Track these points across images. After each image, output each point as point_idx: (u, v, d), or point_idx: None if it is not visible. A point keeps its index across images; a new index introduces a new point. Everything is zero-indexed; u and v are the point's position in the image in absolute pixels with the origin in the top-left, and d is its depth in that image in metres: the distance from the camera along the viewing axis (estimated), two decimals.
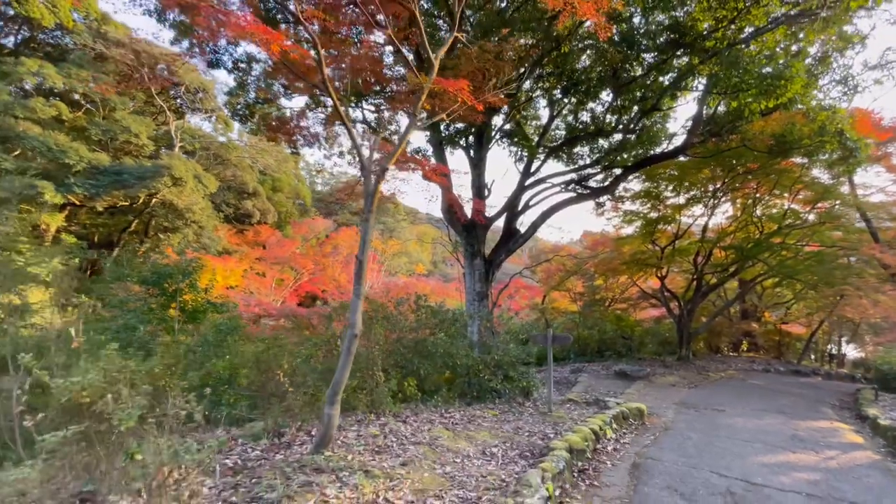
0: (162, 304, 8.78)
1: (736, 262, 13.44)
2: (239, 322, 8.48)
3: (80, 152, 17.99)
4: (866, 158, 8.06)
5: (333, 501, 3.00)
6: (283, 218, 34.78)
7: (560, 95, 10.95)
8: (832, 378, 13.94)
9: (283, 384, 4.34)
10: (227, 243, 27.58)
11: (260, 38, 3.22)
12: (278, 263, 28.33)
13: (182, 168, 20.25)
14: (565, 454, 4.07)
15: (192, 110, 25.50)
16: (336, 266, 31.80)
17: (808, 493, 3.91)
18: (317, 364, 6.41)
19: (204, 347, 6.50)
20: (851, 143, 7.10)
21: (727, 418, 6.85)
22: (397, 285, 28.32)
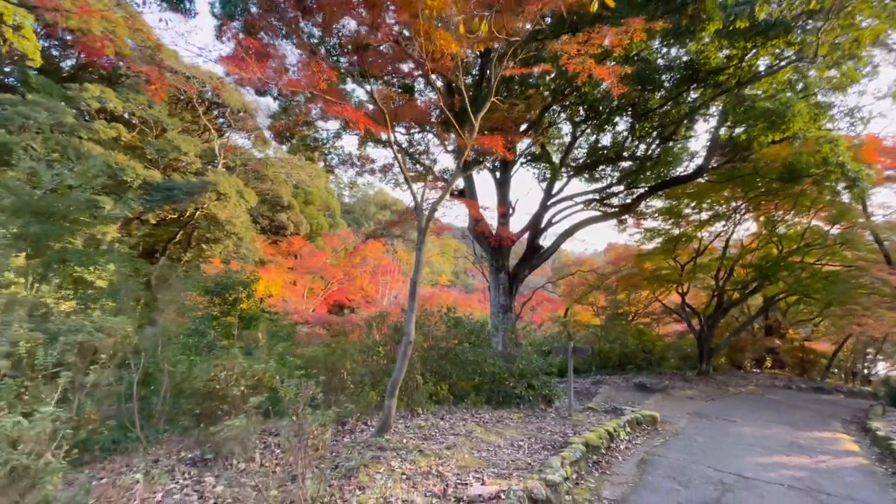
0: (223, 312, 9.94)
1: (756, 280, 13.83)
2: (293, 329, 9.52)
3: (136, 170, 19.81)
4: (869, 186, 8.53)
5: (398, 470, 3.89)
6: (315, 229, 36.40)
7: (581, 118, 11.73)
8: (854, 396, 14.01)
9: (346, 381, 5.27)
10: (262, 254, 29.23)
11: (353, 120, 4.22)
12: (310, 273, 29.78)
13: (226, 184, 21.90)
14: (582, 447, 4.85)
15: (234, 129, 27.44)
16: (364, 276, 33.10)
17: (789, 486, 4.57)
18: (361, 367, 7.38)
19: (271, 350, 7.54)
20: (853, 174, 7.66)
21: (736, 427, 7.43)
22: (422, 296, 29.23)
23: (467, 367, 8.37)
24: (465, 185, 12.21)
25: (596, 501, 3.96)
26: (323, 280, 30.49)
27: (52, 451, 2.04)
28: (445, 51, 4.27)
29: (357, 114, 4.35)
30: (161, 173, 21.55)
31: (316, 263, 30.26)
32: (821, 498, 4.39)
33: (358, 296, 33.40)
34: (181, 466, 3.77)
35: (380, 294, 37.61)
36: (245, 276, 10.28)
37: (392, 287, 39.02)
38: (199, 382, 3.90)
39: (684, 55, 8.88)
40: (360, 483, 3.60)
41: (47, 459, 2.01)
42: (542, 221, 12.92)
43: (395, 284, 40.40)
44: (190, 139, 23.36)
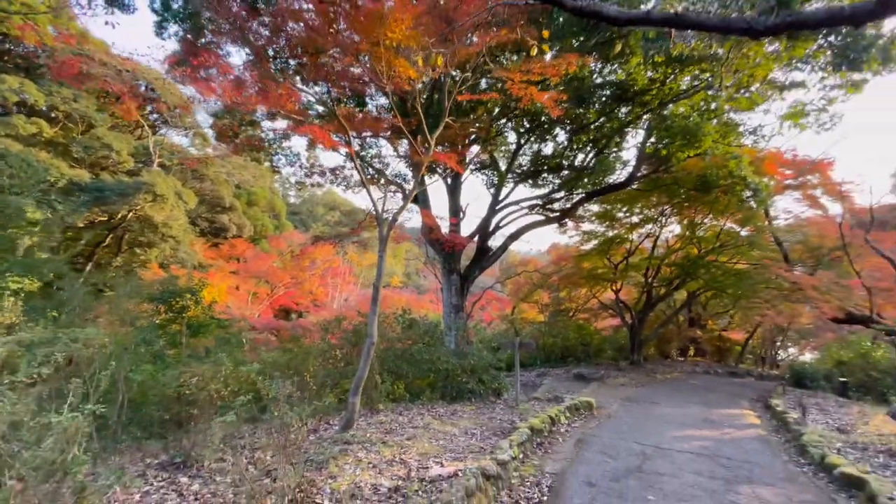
0: (169, 320, 9.66)
1: (680, 277, 15.46)
2: (245, 336, 9.46)
3: (60, 169, 18.30)
4: (767, 196, 10.00)
5: (365, 460, 4.26)
6: (259, 231, 35.14)
7: (525, 128, 12.55)
8: (763, 378, 16.01)
9: (309, 383, 5.52)
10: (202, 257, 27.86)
11: (320, 140, 4.51)
12: (254, 277, 28.78)
13: (163, 185, 20.74)
14: (528, 431, 5.45)
15: (171, 126, 25.96)
16: (313, 280, 32.44)
17: (696, 453, 5.46)
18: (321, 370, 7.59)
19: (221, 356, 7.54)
20: (754, 186, 8.98)
21: (659, 409, 8.47)
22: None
23: (422, 366, 8.81)
24: (419, 192, 12.62)
25: (539, 475, 4.55)
26: (268, 284, 29.57)
27: (76, 447, 2.23)
28: (403, 75, 4.69)
29: (323, 133, 4.64)
30: (89, 172, 20.02)
31: (261, 267, 29.26)
32: (721, 462, 5.28)
33: (306, 300, 32.71)
34: (151, 471, 3.89)
35: (329, 297, 36.94)
36: (193, 283, 10.06)
37: (343, 290, 38.47)
38: (169, 389, 4.02)
39: (615, 77, 9.88)
40: (330, 473, 3.93)
41: (74, 453, 2.20)
42: (490, 225, 13.64)
43: (345, 287, 39.86)
44: (121, 136, 21.87)
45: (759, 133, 11.00)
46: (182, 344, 9.35)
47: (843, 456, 5.26)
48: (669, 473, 4.61)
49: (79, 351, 3.46)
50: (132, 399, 4.67)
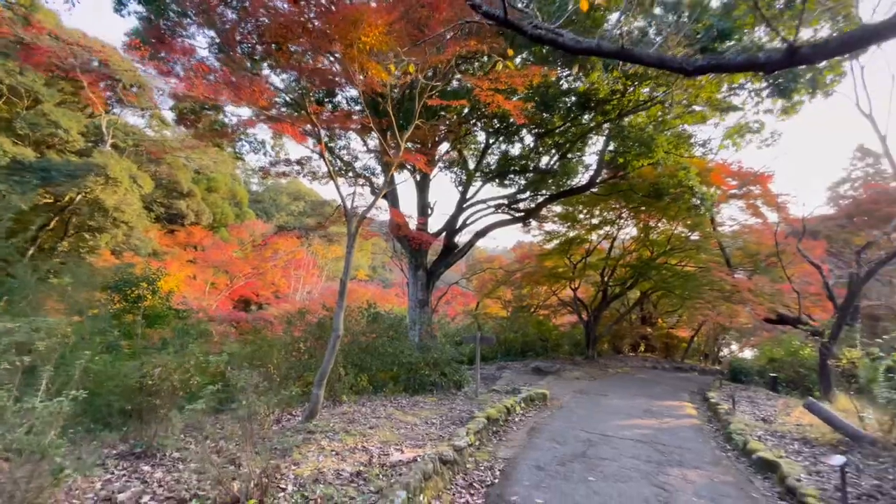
0: (124, 310, 9.34)
1: (633, 277, 16.36)
2: (207, 327, 9.31)
3: (2, 146, 17.08)
4: (712, 204, 10.83)
5: (328, 448, 4.44)
6: (219, 219, 33.96)
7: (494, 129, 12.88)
8: (705, 373, 17.22)
9: (273, 375, 5.60)
10: (157, 245, 26.72)
11: (291, 134, 4.58)
12: (213, 267, 27.88)
13: (117, 167, 19.70)
14: (484, 420, 5.79)
15: (127, 105, 24.60)
16: (275, 271, 31.73)
17: (636, 440, 5.98)
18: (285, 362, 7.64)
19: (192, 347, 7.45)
20: (700, 195, 9.72)
21: (608, 400, 9.06)
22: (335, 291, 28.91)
23: (386, 360, 9.01)
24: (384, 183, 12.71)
25: (493, 460, 4.88)
26: (227, 275, 28.67)
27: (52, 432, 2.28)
28: (376, 77, 4.84)
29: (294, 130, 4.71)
30: (34, 151, 18.74)
31: (220, 257, 28.33)
32: (658, 447, 5.81)
33: (268, 291, 31.99)
34: (110, 460, 3.92)
35: (292, 289, 36.22)
36: (151, 272, 9.77)
37: (306, 282, 37.81)
38: (131, 379, 4.03)
39: (579, 86, 10.36)
40: (294, 460, 4.09)
41: (51, 438, 2.25)
42: (457, 222, 13.93)
43: (309, 279, 39.20)
44: (70, 114, 20.59)
45: (708, 146, 11.86)
46: (137, 335, 9.10)
47: (763, 443, 5.90)
48: (610, 458, 5.07)
49: (39, 340, 3.43)
50: (88, 389, 4.63)
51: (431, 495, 3.76)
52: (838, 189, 26.53)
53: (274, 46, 8.31)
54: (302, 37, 5.60)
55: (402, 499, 3.26)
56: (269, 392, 4.08)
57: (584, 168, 14.20)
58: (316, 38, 5.42)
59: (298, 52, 7.80)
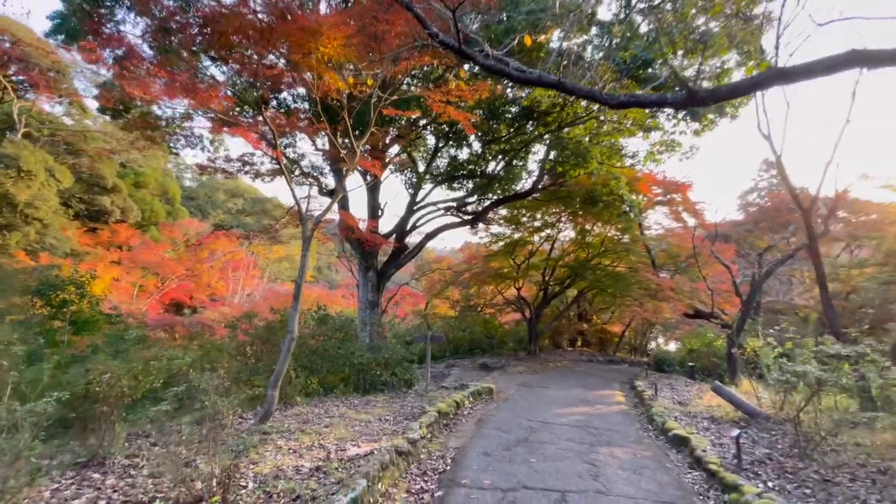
0: (48, 316, 8.63)
1: (571, 277, 17.49)
2: (143, 333, 8.86)
3: None
4: (639, 211, 11.96)
5: (285, 447, 4.55)
6: (148, 217, 31.64)
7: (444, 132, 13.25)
8: (634, 365, 18.76)
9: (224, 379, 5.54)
10: (76, 244, 24.48)
11: (247, 139, 4.60)
12: (143, 268, 25.97)
13: (31, 159, 17.88)
14: (435, 414, 6.12)
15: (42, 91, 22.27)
16: (212, 272, 30.05)
17: (572, 425, 6.60)
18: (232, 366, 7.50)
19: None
20: (628, 202, 10.71)
21: (548, 391, 9.76)
22: (285, 293, 28.02)
23: (337, 361, 9.08)
24: (336, 185, 12.65)
25: (444, 450, 5.22)
26: (157, 276, 26.77)
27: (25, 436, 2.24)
28: (332, 86, 5.00)
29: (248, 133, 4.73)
30: None
31: (150, 257, 26.39)
32: (590, 431, 6.45)
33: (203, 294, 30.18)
34: (54, 471, 3.79)
35: (230, 292, 34.42)
36: (79, 275, 9.11)
37: (246, 284, 36.08)
38: (76, 387, 3.89)
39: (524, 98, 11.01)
40: (252, 460, 4.19)
41: (24, 440, 2.21)
42: (408, 224, 14.17)
43: (249, 281, 37.44)
44: None
45: (636, 157, 13.01)
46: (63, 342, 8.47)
47: (678, 422, 6.74)
48: (549, 441, 5.60)
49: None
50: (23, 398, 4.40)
51: (389, 483, 4.02)
52: (747, 197, 29.73)
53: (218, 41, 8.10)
54: (251, 36, 5.59)
55: (362, 486, 3.50)
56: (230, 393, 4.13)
57: (528, 174, 15.00)
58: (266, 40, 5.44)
59: (243, 49, 7.67)
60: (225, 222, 45.34)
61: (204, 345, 7.50)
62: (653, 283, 14.06)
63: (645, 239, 14.81)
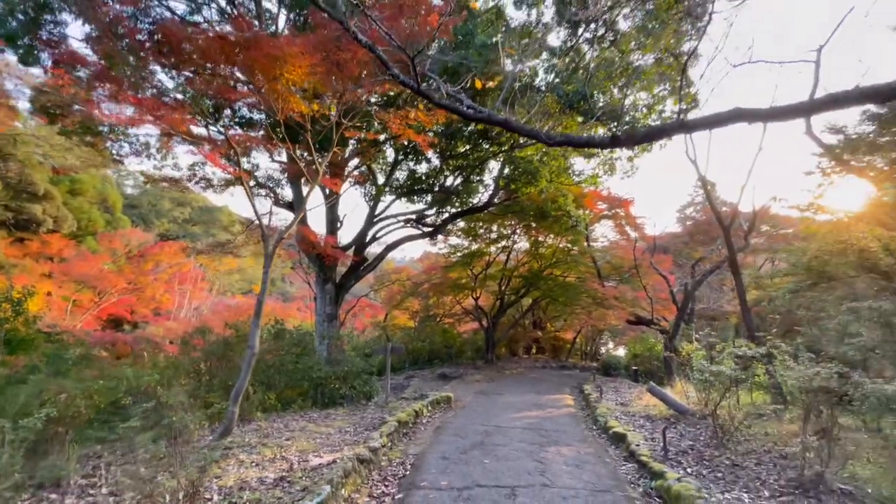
0: None
1: (525, 287, 18.27)
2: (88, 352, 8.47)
3: None
4: (585, 224, 12.85)
5: (247, 461, 4.65)
6: (85, 227, 29.64)
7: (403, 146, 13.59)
8: (585, 370, 19.74)
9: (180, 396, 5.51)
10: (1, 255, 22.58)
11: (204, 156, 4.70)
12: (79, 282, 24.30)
13: None
14: (395, 423, 6.37)
15: None
16: (157, 285, 28.49)
17: (524, 428, 7.06)
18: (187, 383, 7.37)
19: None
20: (574, 217, 11.52)
21: (503, 398, 10.23)
22: (237, 307, 27.02)
23: (295, 376, 9.09)
24: (295, 198, 12.63)
25: (404, 456, 5.49)
26: (93, 290, 25.10)
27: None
28: (296, 109, 5.22)
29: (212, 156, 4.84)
30: None
31: (87, 269, 24.73)
32: (541, 432, 6.93)
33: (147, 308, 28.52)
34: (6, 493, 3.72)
35: (177, 305, 32.73)
36: (14, 291, 8.59)
37: (194, 297, 34.42)
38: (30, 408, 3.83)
39: None
40: (215, 474, 4.27)
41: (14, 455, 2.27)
42: (367, 236, 14.33)
43: (197, 294, 35.73)
44: None
45: (583, 175, 13.97)
46: None
47: (618, 421, 7.37)
48: (503, 444, 6.00)
49: None
50: None
51: (352, 489, 4.25)
52: (686, 211, 32.18)
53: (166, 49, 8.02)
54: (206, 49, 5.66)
55: (327, 492, 3.72)
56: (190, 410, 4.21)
57: (485, 188, 15.60)
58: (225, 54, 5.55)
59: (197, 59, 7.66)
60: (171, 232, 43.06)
61: (158, 363, 7.31)
62: (599, 292, 15.02)
63: (591, 251, 15.82)
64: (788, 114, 3.18)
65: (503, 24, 11.21)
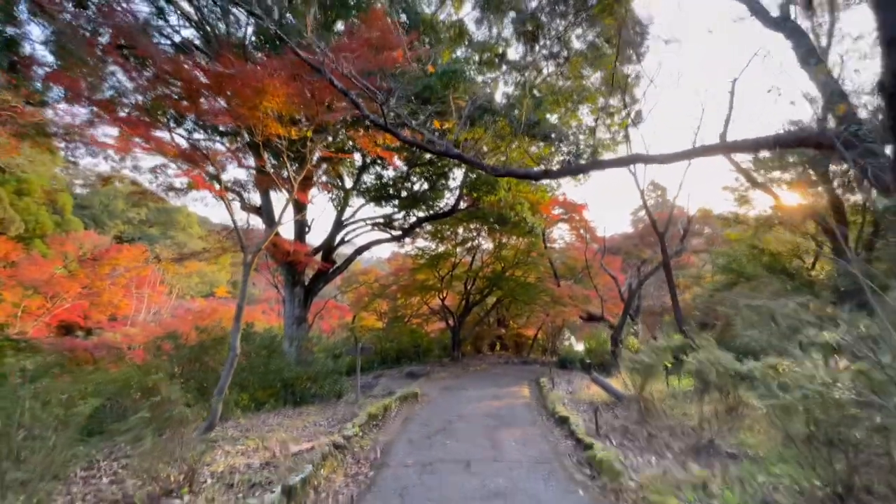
0: None
1: (489, 287, 19.23)
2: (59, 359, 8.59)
3: None
4: (541, 229, 13.89)
5: (233, 451, 5.20)
6: (33, 229, 28.32)
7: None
8: (545, 364, 20.91)
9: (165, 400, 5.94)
10: None
11: (195, 180, 5.19)
12: (28, 287, 23.32)
13: None
14: (366, 416, 7.03)
15: None
16: (115, 290, 27.56)
17: (483, 415, 7.89)
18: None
19: None
20: (530, 223, 12.51)
21: (467, 392, 11.05)
22: (198, 310, 26.54)
23: (267, 377, 9.54)
24: (264, 206, 12.92)
25: (375, 443, 6.16)
26: (42, 296, 24.12)
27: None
28: (274, 132, 5.77)
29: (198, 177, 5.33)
30: None
31: (38, 274, 23.76)
32: (497, 418, 7.77)
33: (103, 313, 27.56)
34: None
35: (135, 310, 31.69)
36: None
37: (153, 301, 33.36)
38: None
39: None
40: (205, 462, 4.80)
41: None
42: (335, 240, 14.80)
43: (156, 298, 34.62)
44: None
45: (539, 184, 15.01)
46: None
47: (565, 407, 8.32)
48: (463, 429, 6.79)
49: None
50: None
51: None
52: (638, 213, 34.28)
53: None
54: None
55: (309, 470, 4.37)
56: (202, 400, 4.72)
57: (451, 192, 16.41)
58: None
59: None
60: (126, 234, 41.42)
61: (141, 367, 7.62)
62: (555, 291, 16.14)
63: (549, 253, 16.94)
64: (676, 157, 4.10)
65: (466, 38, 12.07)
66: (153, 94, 8.78)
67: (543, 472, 4.85)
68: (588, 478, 4.70)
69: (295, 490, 4.05)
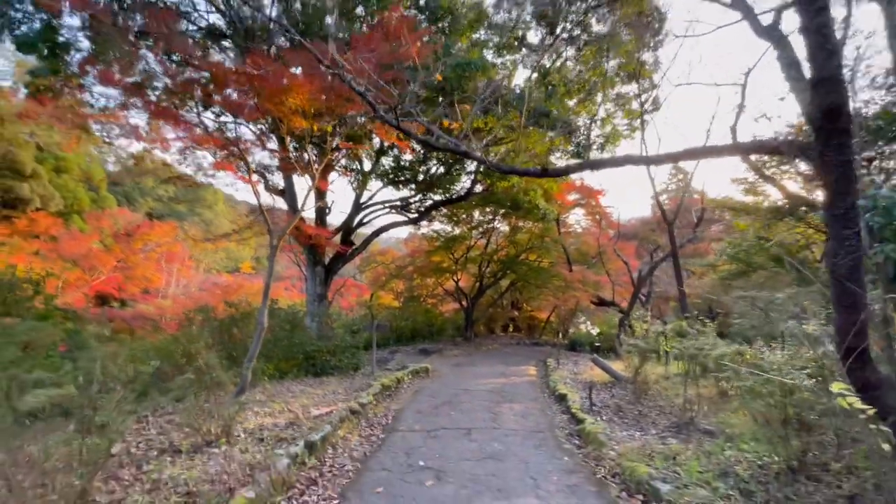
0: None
1: (503, 270, 19.65)
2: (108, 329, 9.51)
3: None
4: (554, 215, 14.12)
5: (261, 412, 5.90)
6: (71, 205, 29.89)
7: None
8: (555, 346, 21.38)
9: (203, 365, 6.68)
10: None
11: (229, 171, 5.74)
12: (69, 260, 24.87)
13: None
14: (380, 386, 7.69)
15: None
16: (148, 264, 29.08)
17: (488, 391, 8.47)
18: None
19: None
20: (543, 209, 12.79)
21: (476, 369, 11.66)
22: (224, 285, 27.86)
23: (291, 350, 10.33)
24: (287, 188, 13.56)
25: (387, 411, 6.81)
26: (81, 269, 25.68)
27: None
28: (297, 126, 6.25)
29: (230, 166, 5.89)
30: None
31: (77, 248, 25.27)
32: (501, 394, 8.33)
33: (136, 286, 29.17)
34: None
35: (165, 283, 33.35)
36: (34, 274, 9.54)
37: (182, 275, 35.01)
38: None
39: None
40: (238, 420, 5.50)
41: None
42: (353, 222, 15.40)
43: (185, 272, 36.30)
44: None
45: None
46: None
47: (566, 386, 8.81)
48: (467, 401, 7.38)
49: None
50: None
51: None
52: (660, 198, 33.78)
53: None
54: None
55: (328, 429, 5.00)
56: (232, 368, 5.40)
57: (467, 175, 16.71)
58: None
59: None
60: (156, 210, 43.13)
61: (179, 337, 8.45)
62: (566, 276, 16.45)
63: (562, 239, 17.18)
64: (666, 159, 4.41)
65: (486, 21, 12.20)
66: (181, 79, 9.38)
67: (536, 441, 5.39)
68: (575, 447, 5.22)
69: (315, 445, 4.69)
